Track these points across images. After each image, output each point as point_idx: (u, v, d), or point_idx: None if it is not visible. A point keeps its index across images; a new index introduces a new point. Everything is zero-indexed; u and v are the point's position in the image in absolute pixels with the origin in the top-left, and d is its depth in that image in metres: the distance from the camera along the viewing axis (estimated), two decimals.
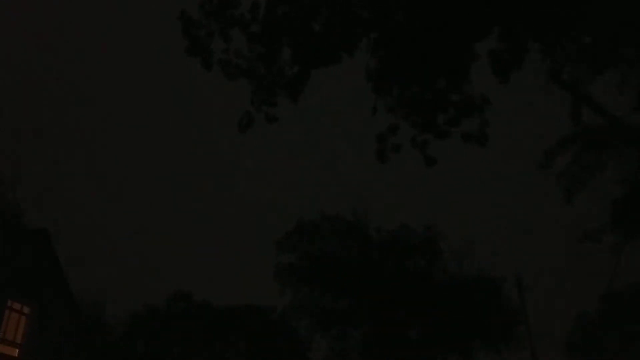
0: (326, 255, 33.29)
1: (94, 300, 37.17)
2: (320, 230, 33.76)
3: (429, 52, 7.71)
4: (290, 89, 8.19)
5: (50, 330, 25.18)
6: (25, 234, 25.64)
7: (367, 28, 7.87)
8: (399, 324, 31.95)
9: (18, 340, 23.85)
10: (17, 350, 23.73)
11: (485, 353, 32.57)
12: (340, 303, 33.78)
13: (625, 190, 18.24)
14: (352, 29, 7.77)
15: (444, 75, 7.97)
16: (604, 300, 36.21)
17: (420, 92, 8.14)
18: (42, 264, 25.56)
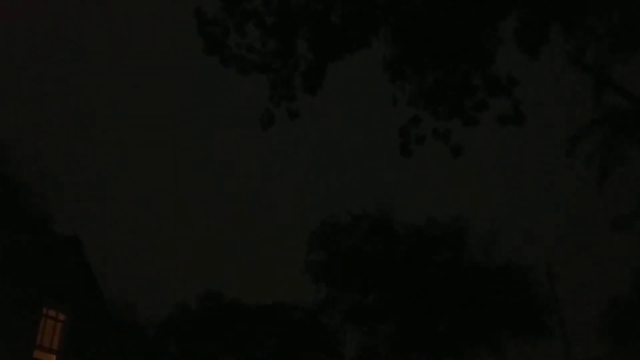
0: (353, 252, 33.30)
1: (126, 303, 37.71)
2: (346, 227, 33.80)
3: (448, 35, 7.61)
4: (308, 83, 8.11)
5: (85, 336, 25.64)
6: (57, 242, 26.12)
7: (384, 15, 7.76)
8: (427, 318, 31.84)
9: (55, 346, 24.34)
10: (54, 357, 24.23)
11: (515, 344, 32.24)
12: (369, 299, 33.77)
13: None
14: (369, 17, 7.65)
15: (467, 59, 7.87)
16: (635, 285, 35.59)
17: (442, 79, 8.05)
18: (74, 270, 26.04)
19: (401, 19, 7.82)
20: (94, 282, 26.99)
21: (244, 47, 8.13)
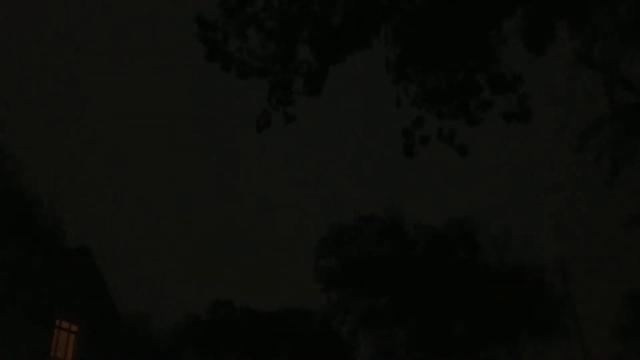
0: (365, 256, 33.18)
1: (139, 314, 37.78)
2: (357, 231, 33.71)
3: (451, 34, 7.53)
4: (309, 85, 8.02)
5: (98, 347, 25.68)
6: (68, 253, 26.20)
7: (386, 15, 7.67)
8: (442, 320, 31.64)
9: (68, 358, 24.38)
10: None
11: (531, 345, 31.95)
12: (382, 302, 33.61)
13: None
14: (370, 17, 7.56)
15: (471, 58, 7.76)
16: None
17: (446, 79, 7.95)
18: (86, 282, 26.09)
19: (403, 18, 7.73)
20: (106, 292, 27.06)
21: (245, 51, 8.06)
